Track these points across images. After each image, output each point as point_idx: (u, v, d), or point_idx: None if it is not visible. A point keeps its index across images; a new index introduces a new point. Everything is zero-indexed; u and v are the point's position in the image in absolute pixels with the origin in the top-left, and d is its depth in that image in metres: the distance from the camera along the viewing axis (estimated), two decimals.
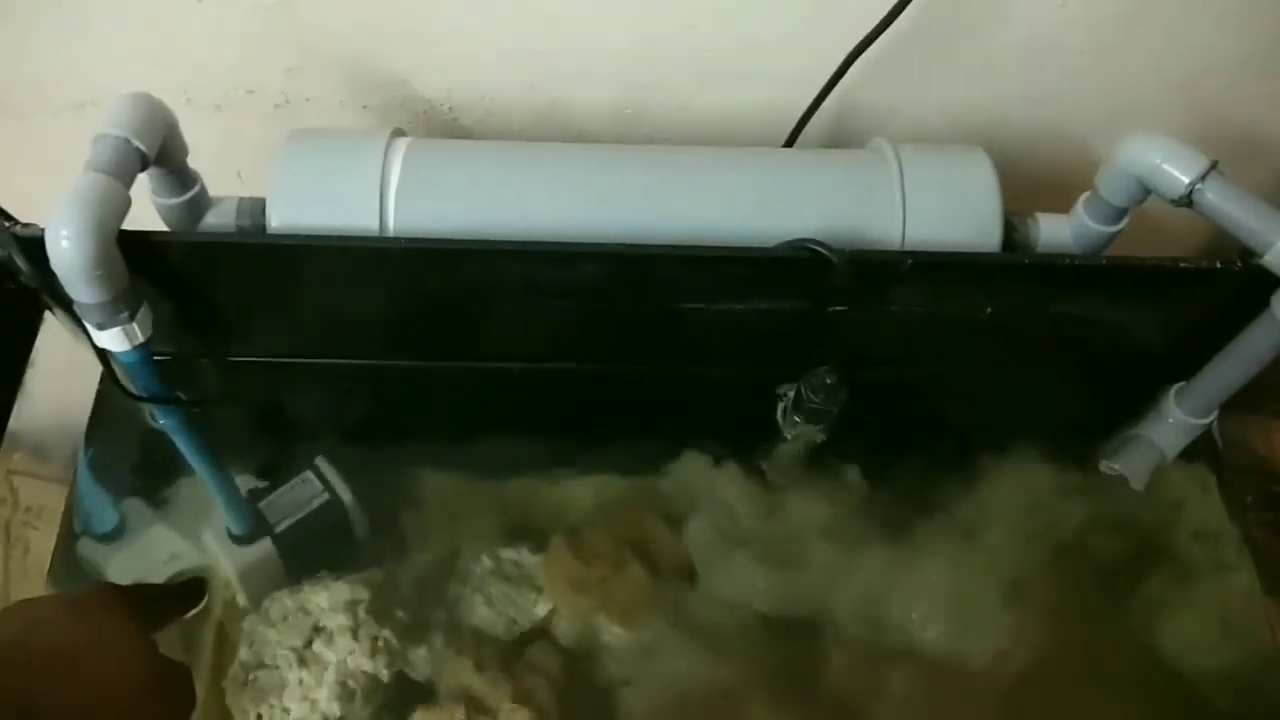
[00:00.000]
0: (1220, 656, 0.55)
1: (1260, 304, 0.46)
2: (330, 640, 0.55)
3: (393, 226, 0.49)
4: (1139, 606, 0.56)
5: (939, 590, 0.56)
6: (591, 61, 0.59)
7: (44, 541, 0.59)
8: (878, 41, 0.53)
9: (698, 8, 0.55)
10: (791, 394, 0.53)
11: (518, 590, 0.58)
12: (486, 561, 0.59)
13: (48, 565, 0.57)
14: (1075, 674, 0.55)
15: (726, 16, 0.56)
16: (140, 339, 0.48)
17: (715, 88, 0.59)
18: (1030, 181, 0.55)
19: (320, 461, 0.60)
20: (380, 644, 0.55)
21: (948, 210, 0.48)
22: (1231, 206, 0.44)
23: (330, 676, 0.54)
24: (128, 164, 0.45)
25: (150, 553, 0.60)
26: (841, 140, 0.61)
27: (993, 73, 0.58)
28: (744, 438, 0.58)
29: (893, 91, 0.59)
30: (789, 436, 0.54)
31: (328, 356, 0.56)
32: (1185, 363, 0.52)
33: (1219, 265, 0.46)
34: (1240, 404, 0.55)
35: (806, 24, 0.55)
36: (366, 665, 0.54)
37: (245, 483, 0.59)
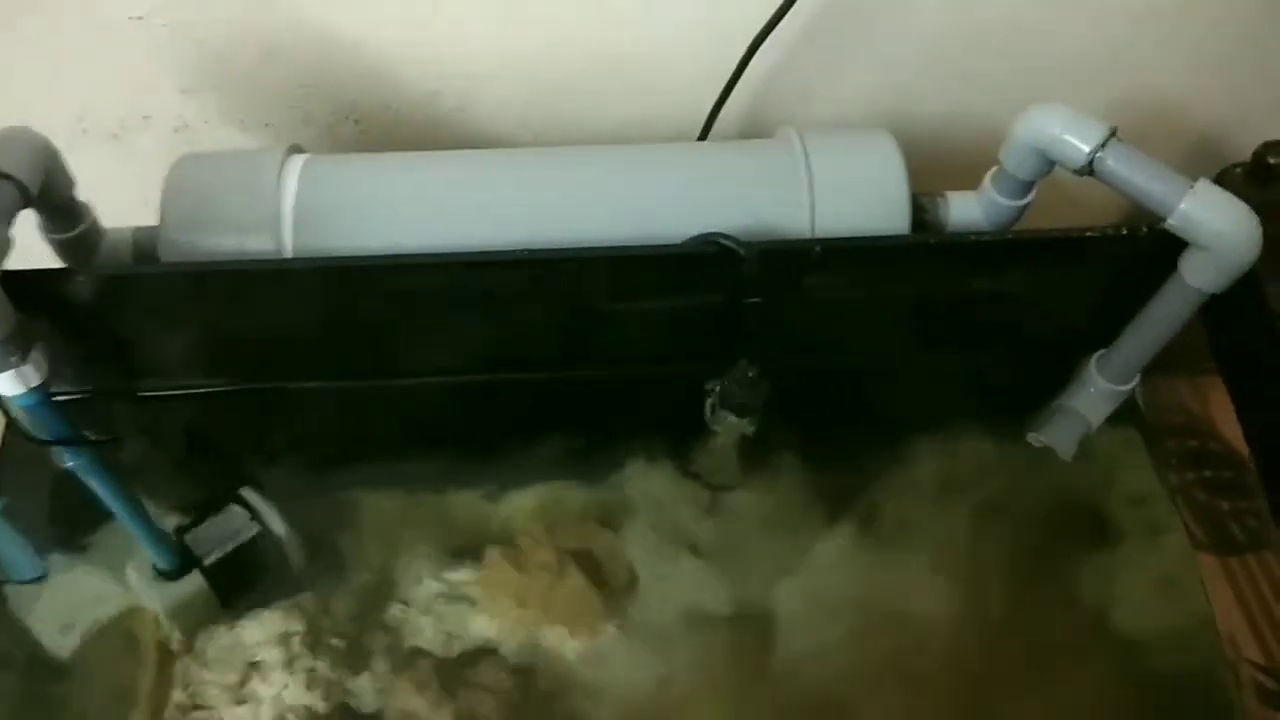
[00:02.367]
0: (1159, 616, 0.56)
1: (1169, 267, 0.46)
2: (265, 675, 0.53)
3: (290, 246, 0.47)
4: (1077, 574, 0.57)
5: (879, 571, 0.56)
6: (497, 65, 0.58)
7: None
8: (784, 28, 0.53)
9: (603, 4, 0.55)
10: (717, 389, 0.52)
11: (459, 608, 0.57)
12: (426, 581, 0.58)
13: None
14: (1019, 645, 0.55)
15: (630, 13, 0.55)
16: (35, 381, 0.46)
17: (625, 85, 0.59)
18: (946, 159, 0.55)
19: (247, 490, 0.58)
20: (316, 675, 0.53)
21: (855, 195, 0.48)
22: (1133, 173, 0.44)
23: (266, 713, 0.52)
24: (6, 202, 0.43)
25: (76, 596, 0.58)
26: (758, 128, 0.61)
27: (900, 52, 0.58)
28: (677, 435, 0.58)
29: (803, 78, 0.58)
30: (718, 431, 0.53)
31: (244, 382, 0.55)
32: (1104, 330, 0.52)
33: (1124, 232, 0.46)
34: (1170, 365, 0.56)
35: (711, 15, 0.55)
36: (303, 698, 0.53)
37: (172, 518, 0.57)
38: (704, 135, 0.59)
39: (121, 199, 0.51)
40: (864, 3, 0.55)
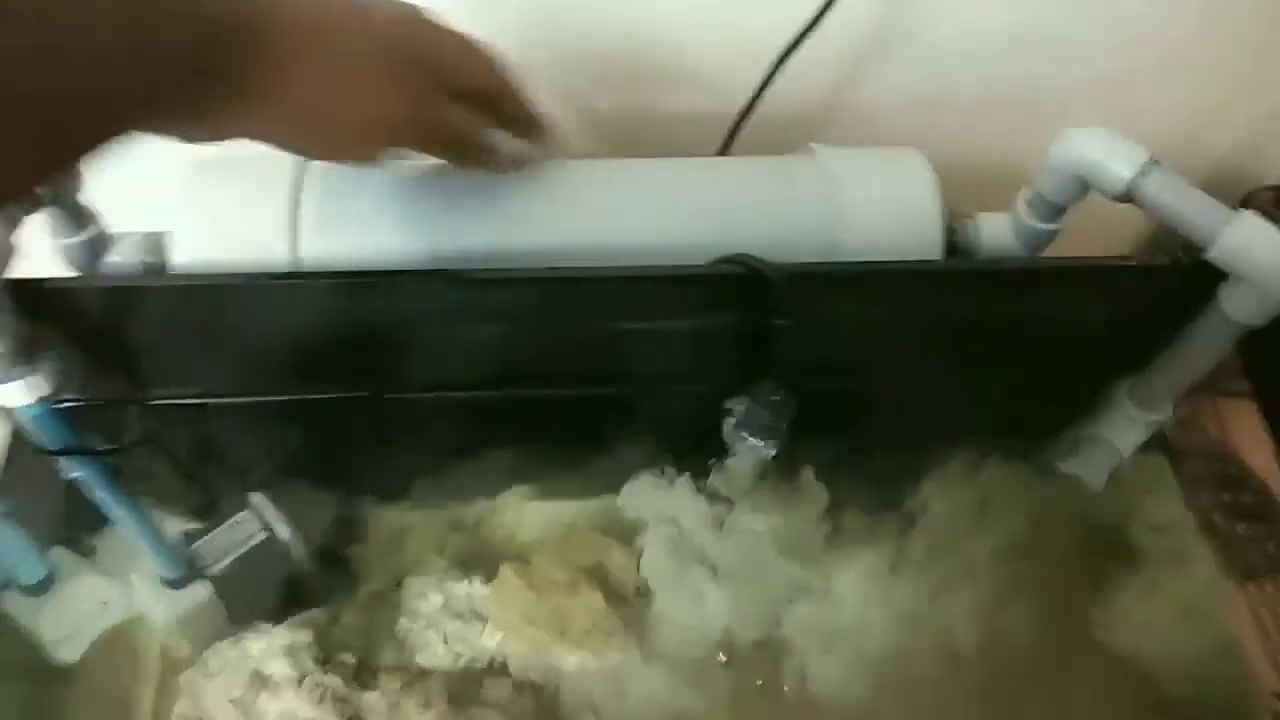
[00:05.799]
0: (1184, 647, 0.55)
1: (1207, 298, 0.45)
2: (272, 689, 0.53)
3: (305, 257, 0.46)
4: (1102, 602, 0.56)
5: (901, 598, 0.55)
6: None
7: None
8: (811, 42, 0.51)
9: (627, 15, 0.53)
10: (739, 409, 0.51)
11: (469, 623, 0.56)
12: (435, 595, 0.57)
13: None
14: (1043, 675, 0.54)
15: (655, 22, 0.54)
16: (44, 391, 0.45)
17: (646, 96, 0.57)
18: (968, 179, 0.53)
19: (257, 499, 0.57)
20: (325, 691, 0.52)
21: (886, 216, 0.47)
22: (1173, 200, 0.43)
23: None
24: (12, 207, 0.42)
25: (81, 603, 0.57)
26: (780, 143, 0.59)
27: (929, 69, 0.57)
28: (695, 455, 0.57)
29: (825, 95, 0.57)
30: (737, 453, 0.52)
31: (255, 394, 0.53)
32: (1136, 358, 0.51)
33: (1165, 262, 0.45)
34: (1190, 388, 0.55)
35: (737, 25, 0.53)
36: (311, 714, 0.52)
37: (180, 525, 0.57)
38: (725, 148, 0.58)
39: (128, 201, 0.50)
40: (890, 21, 0.54)
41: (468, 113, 0.42)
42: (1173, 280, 0.45)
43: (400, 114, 0.39)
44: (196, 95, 0.33)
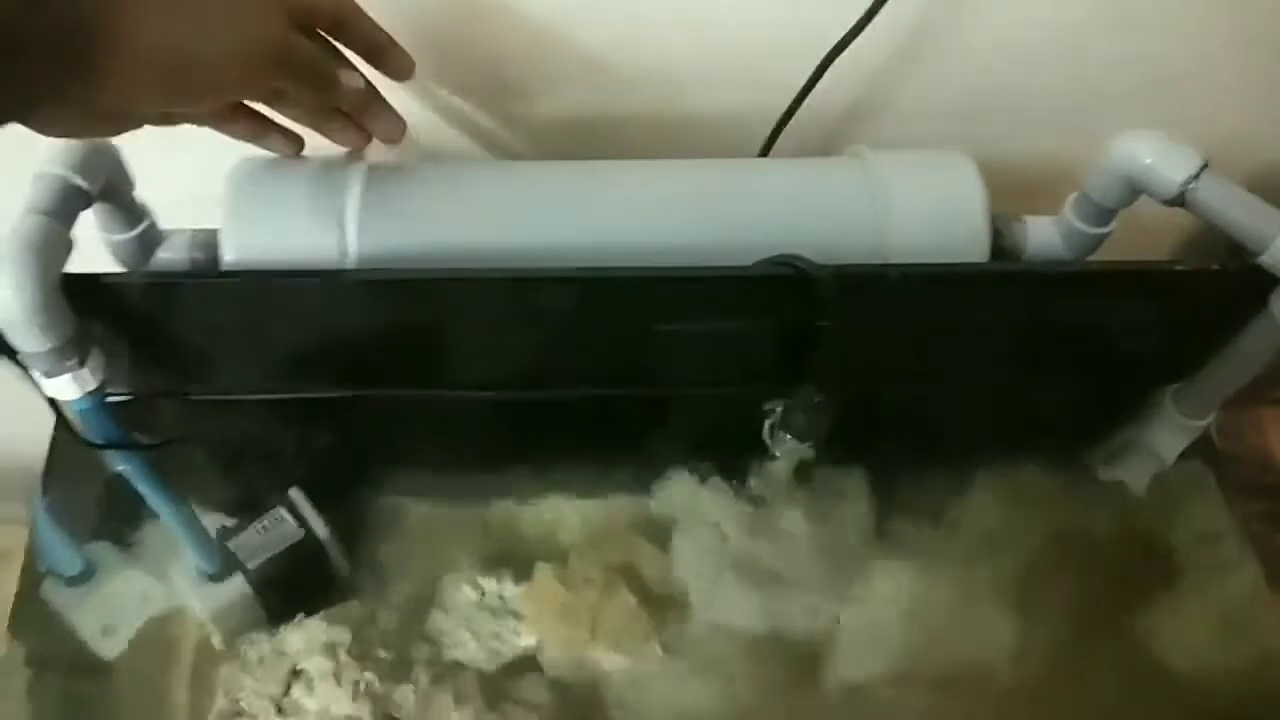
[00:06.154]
0: (1227, 657, 0.54)
1: (1258, 304, 0.45)
2: (309, 686, 0.53)
3: (354, 254, 0.46)
4: (1143, 611, 0.55)
5: (938, 604, 0.55)
6: (559, 72, 0.57)
7: (6, 585, 0.57)
8: (856, 43, 0.51)
9: (668, 13, 0.53)
10: (779, 411, 0.51)
11: (502, 621, 0.56)
12: (470, 592, 0.57)
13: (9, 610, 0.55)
14: (1084, 683, 0.54)
15: (698, 22, 0.54)
16: (92, 385, 0.45)
17: (688, 96, 0.57)
18: (1017, 180, 0.53)
19: (294, 495, 0.57)
20: (362, 688, 0.53)
21: (932, 218, 0.46)
22: (1226, 205, 0.43)
23: None
24: (69, 203, 0.43)
25: (120, 595, 0.58)
26: (820, 145, 0.59)
27: (975, 72, 0.56)
28: (732, 456, 0.56)
29: (873, 94, 0.57)
30: (777, 454, 0.52)
31: (296, 391, 0.54)
32: (1182, 364, 0.50)
33: (1216, 267, 0.45)
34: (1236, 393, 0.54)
35: (781, 27, 0.53)
36: (349, 710, 0.52)
37: (216, 520, 0.57)
38: (766, 150, 0.57)
39: (174, 196, 0.51)
40: (936, 20, 0.54)
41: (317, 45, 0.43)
42: (1223, 285, 0.45)
43: (265, 43, 0.39)
44: (43, 61, 0.31)
